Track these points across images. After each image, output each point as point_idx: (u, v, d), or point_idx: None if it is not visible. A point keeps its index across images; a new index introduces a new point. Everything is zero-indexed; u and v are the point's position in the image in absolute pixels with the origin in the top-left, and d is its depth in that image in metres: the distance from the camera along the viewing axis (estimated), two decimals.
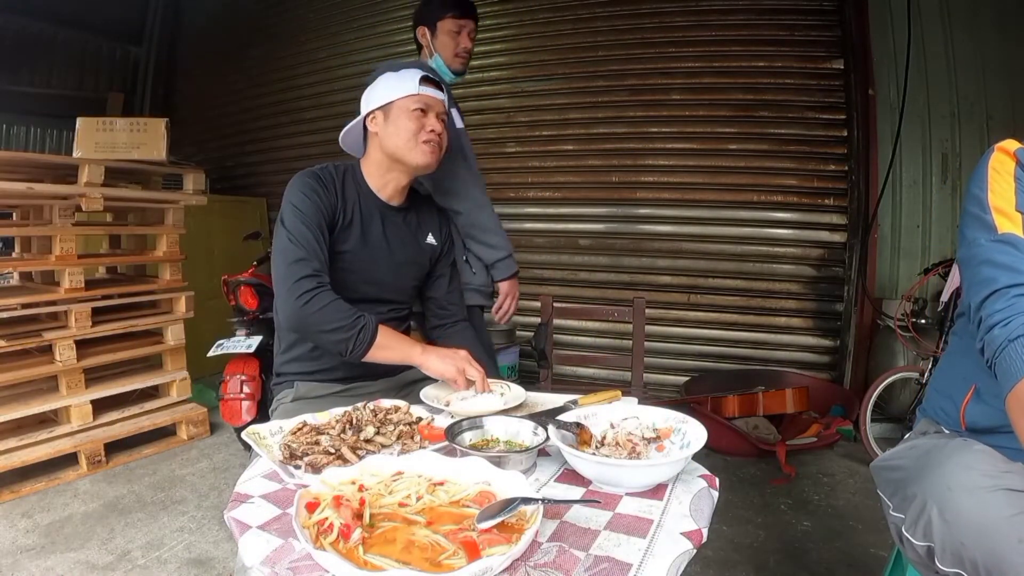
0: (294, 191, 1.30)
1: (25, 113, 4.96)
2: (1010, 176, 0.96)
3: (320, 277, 1.23)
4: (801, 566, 1.85)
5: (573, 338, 3.59)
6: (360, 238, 1.36)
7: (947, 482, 0.77)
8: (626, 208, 3.54)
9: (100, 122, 2.70)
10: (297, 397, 1.35)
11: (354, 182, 1.39)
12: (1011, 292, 0.86)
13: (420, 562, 0.62)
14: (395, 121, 1.34)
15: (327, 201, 1.31)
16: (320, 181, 1.32)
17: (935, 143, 3.11)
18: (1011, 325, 0.83)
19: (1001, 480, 0.75)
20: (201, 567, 1.80)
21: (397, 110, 1.34)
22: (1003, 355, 0.83)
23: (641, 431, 0.96)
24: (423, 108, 1.34)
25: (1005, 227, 0.92)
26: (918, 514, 0.79)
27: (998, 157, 0.99)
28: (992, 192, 0.96)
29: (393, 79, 1.36)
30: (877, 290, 3.17)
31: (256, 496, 0.82)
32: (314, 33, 4.54)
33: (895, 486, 0.97)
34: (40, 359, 2.41)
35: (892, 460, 1.02)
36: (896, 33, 3.11)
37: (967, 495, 0.74)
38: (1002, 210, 0.94)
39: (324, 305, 1.19)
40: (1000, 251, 0.91)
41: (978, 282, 0.93)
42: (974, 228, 0.98)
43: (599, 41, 3.54)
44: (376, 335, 1.22)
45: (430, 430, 1.01)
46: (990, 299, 0.89)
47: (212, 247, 3.80)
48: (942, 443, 0.91)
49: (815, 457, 2.67)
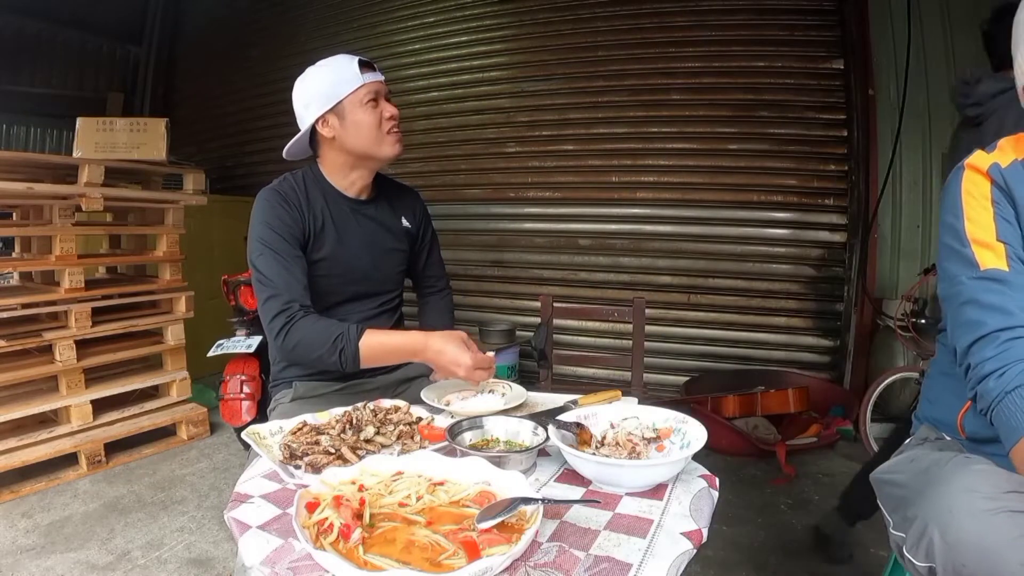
0: (257, 219, 1.26)
1: (25, 113, 4.96)
2: (986, 200, 0.90)
3: (291, 308, 1.18)
4: (801, 566, 1.85)
5: (573, 338, 3.59)
6: (336, 241, 1.33)
7: (948, 504, 0.75)
8: (626, 208, 3.54)
9: (100, 122, 2.70)
10: (296, 397, 1.35)
11: (318, 186, 1.34)
12: (1001, 337, 0.82)
13: (420, 562, 0.62)
14: (352, 120, 1.28)
15: (292, 218, 1.26)
16: (283, 199, 1.27)
17: (935, 143, 3.11)
18: (1006, 376, 0.79)
19: (1004, 502, 0.72)
20: (201, 567, 1.80)
21: (350, 107, 1.27)
22: (1001, 408, 0.79)
23: (641, 431, 0.96)
24: (374, 98, 1.29)
25: (987, 262, 0.86)
26: (919, 536, 0.77)
27: (970, 178, 0.93)
28: (969, 221, 0.90)
29: (328, 74, 1.28)
30: (877, 290, 3.17)
31: (256, 496, 0.82)
32: (314, 33, 4.54)
33: (895, 503, 0.94)
34: (40, 359, 2.41)
35: (892, 474, 0.99)
36: (896, 33, 3.10)
37: (969, 518, 0.72)
38: (982, 241, 0.88)
39: (300, 338, 1.17)
40: (984, 289, 0.85)
41: (963, 324, 0.87)
42: (954, 263, 0.91)
43: (599, 41, 3.54)
44: (358, 349, 1.17)
45: (430, 430, 1.01)
46: (978, 344, 0.84)
47: (212, 247, 3.80)
48: (942, 458, 0.88)
49: (815, 457, 2.67)
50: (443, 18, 3.97)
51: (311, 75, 1.31)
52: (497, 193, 3.80)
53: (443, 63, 3.94)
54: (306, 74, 1.33)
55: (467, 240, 3.85)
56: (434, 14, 4.00)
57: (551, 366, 2.08)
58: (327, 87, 1.28)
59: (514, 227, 3.77)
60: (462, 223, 3.83)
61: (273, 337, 1.19)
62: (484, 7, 3.86)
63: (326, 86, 1.28)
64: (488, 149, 3.81)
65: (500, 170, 3.79)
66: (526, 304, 3.71)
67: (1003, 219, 0.88)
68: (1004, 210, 0.89)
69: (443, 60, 3.95)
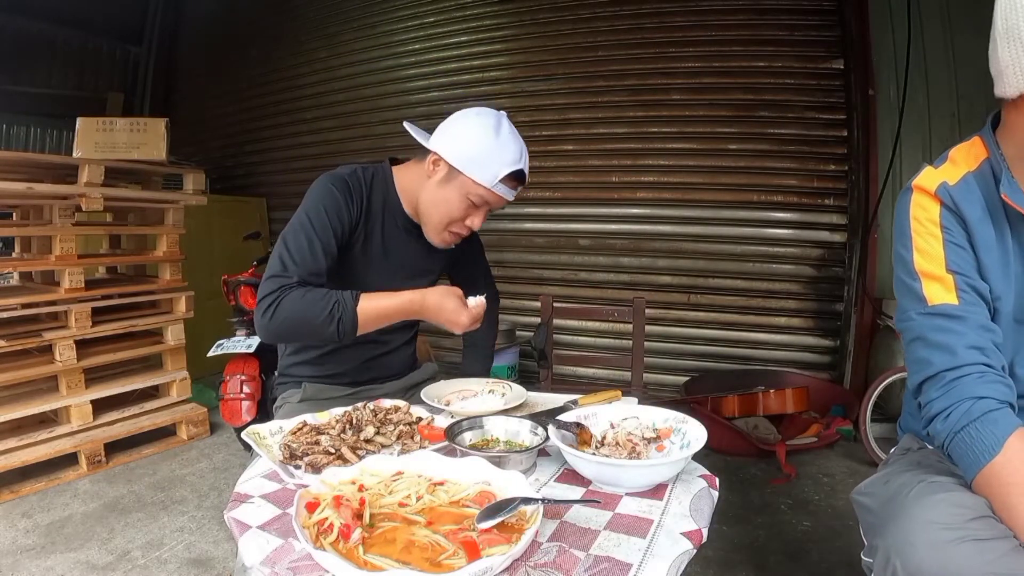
0: (314, 199, 1.20)
1: (25, 113, 4.96)
2: (935, 226, 0.87)
3: (285, 280, 1.12)
4: (801, 566, 1.85)
5: (573, 338, 3.59)
6: (380, 251, 1.30)
7: (909, 537, 0.74)
8: (626, 208, 3.54)
9: (100, 122, 2.70)
10: (305, 398, 1.33)
11: (383, 193, 1.30)
12: (946, 377, 0.83)
13: (420, 562, 0.62)
14: (447, 191, 1.22)
15: (349, 213, 1.22)
16: (348, 190, 1.23)
17: (935, 143, 3.11)
18: (951, 418, 0.81)
19: (966, 531, 0.72)
20: (201, 567, 1.80)
21: (458, 184, 1.20)
22: (953, 448, 0.81)
23: (641, 431, 0.96)
24: (479, 203, 1.22)
25: (936, 297, 0.86)
26: (883, 566, 0.77)
27: (918, 201, 0.90)
28: (918, 251, 0.88)
29: (485, 152, 1.18)
30: (877, 290, 3.17)
31: (256, 496, 0.82)
32: (314, 33, 4.54)
33: (865, 527, 0.94)
34: (40, 359, 2.41)
35: (865, 495, 0.98)
36: (896, 33, 3.10)
37: (930, 550, 0.72)
38: (931, 274, 0.87)
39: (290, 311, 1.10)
40: (932, 327, 0.85)
41: (913, 362, 0.88)
42: (904, 296, 0.90)
43: (599, 41, 3.54)
44: (356, 314, 1.12)
45: (430, 430, 1.01)
46: (926, 384, 0.85)
47: (212, 247, 3.80)
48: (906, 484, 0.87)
49: (815, 457, 2.67)
50: (443, 18, 3.98)
51: (480, 126, 1.20)
52: None
53: (443, 63, 3.94)
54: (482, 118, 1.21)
55: None
56: (434, 14, 4.01)
57: (551, 366, 2.08)
58: (474, 152, 1.18)
59: (514, 227, 3.77)
60: None
61: (261, 313, 1.11)
62: (484, 7, 3.86)
63: (475, 151, 1.18)
64: None
65: None
66: (526, 304, 3.71)
67: (953, 245, 0.87)
68: (954, 235, 0.87)
69: (443, 60, 3.95)
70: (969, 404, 0.80)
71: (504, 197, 1.22)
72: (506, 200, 1.24)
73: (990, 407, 0.80)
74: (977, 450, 0.78)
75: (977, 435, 0.78)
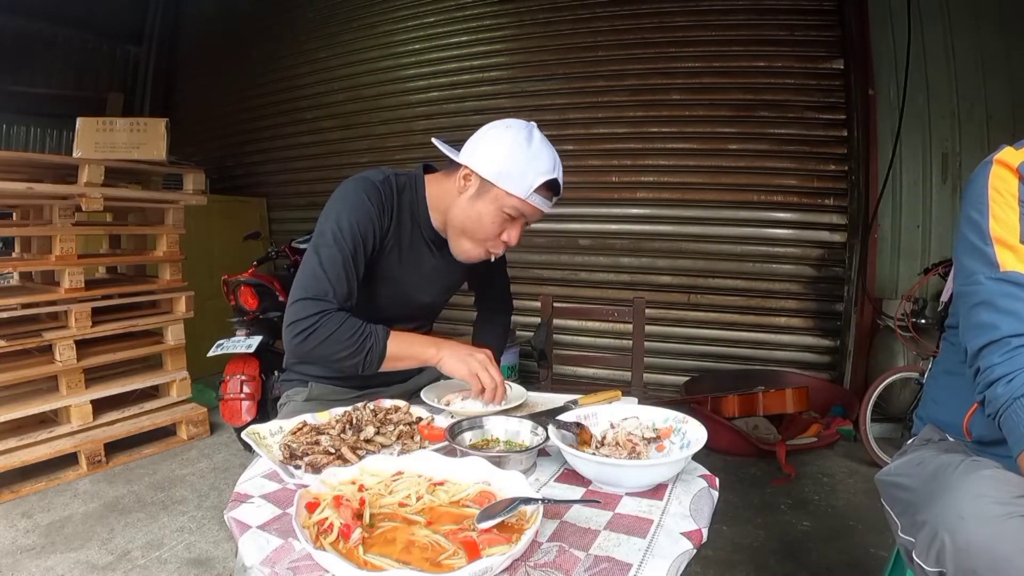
0: (346, 208, 1.17)
1: (25, 113, 4.97)
2: (1014, 199, 0.87)
3: (326, 305, 1.11)
4: (801, 566, 1.85)
5: (573, 338, 3.59)
6: (402, 264, 1.28)
7: (959, 511, 0.74)
8: (626, 208, 3.54)
9: (100, 122, 2.70)
10: (310, 398, 1.32)
11: (412, 204, 1.26)
12: (1012, 343, 0.81)
13: (420, 562, 0.62)
14: (480, 205, 1.17)
15: (379, 225, 1.19)
16: (380, 201, 1.19)
17: (935, 143, 3.11)
18: (1015, 382, 0.79)
19: (1015, 507, 0.72)
20: (201, 567, 1.80)
21: (492, 198, 1.16)
22: (1009, 414, 0.79)
23: (641, 431, 0.95)
24: (515, 216, 1.18)
25: (1008, 264, 0.84)
26: (929, 541, 0.76)
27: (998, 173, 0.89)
28: (994, 218, 0.87)
29: (518, 163, 1.15)
30: (877, 290, 3.17)
31: (256, 496, 0.82)
32: (314, 33, 4.54)
33: (903, 506, 0.93)
34: (40, 359, 2.41)
35: (898, 477, 0.97)
36: (896, 33, 3.11)
37: (980, 524, 0.72)
38: (1005, 242, 0.86)
39: (325, 338, 1.09)
40: (1002, 293, 0.83)
41: (976, 326, 0.86)
42: (973, 259, 0.89)
43: (599, 41, 3.54)
44: (386, 350, 1.13)
45: (430, 430, 1.01)
46: (988, 348, 0.84)
47: (212, 247, 3.80)
48: (949, 462, 0.87)
49: (815, 457, 2.67)
50: (443, 18, 3.98)
51: (512, 137, 1.17)
52: None
53: (443, 63, 3.94)
54: (513, 131, 1.19)
55: None
56: (434, 14, 4.01)
57: (551, 366, 2.08)
58: (507, 163, 1.15)
59: None
60: None
61: (294, 335, 1.10)
62: (484, 7, 3.86)
63: (508, 162, 1.15)
64: None
65: None
66: (526, 304, 3.70)
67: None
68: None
69: (443, 60, 3.95)
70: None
71: (540, 208, 1.19)
72: (542, 212, 1.20)
73: None
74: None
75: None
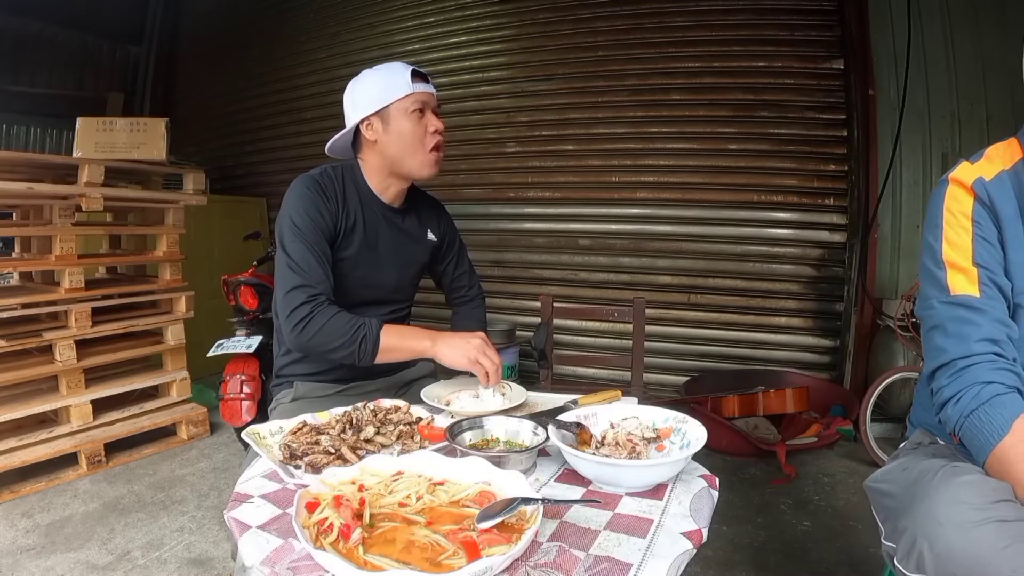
0: (293, 205, 1.25)
1: (25, 113, 4.96)
2: (966, 219, 0.90)
3: (316, 297, 1.18)
4: (801, 566, 1.85)
5: (573, 338, 3.59)
6: (363, 243, 1.33)
7: (936, 517, 0.75)
8: (626, 208, 3.54)
9: (100, 122, 2.70)
10: (296, 397, 1.35)
11: (355, 185, 1.34)
12: (958, 364, 0.86)
13: (420, 562, 0.62)
14: (395, 127, 1.28)
15: (328, 210, 1.26)
16: (321, 190, 1.27)
17: (935, 143, 3.11)
18: (962, 402, 0.84)
19: (991, 512, 0.73)
20: (201, 567, 1.80)
21: (395, 113, 1.27)
22: (964, 432, 0.84)
23: (641, 431, 0.95)
24: (420, 108, 1.28)
25: (959, 287, 0.88)
26: (909, 548, 0.78)
27: (952, 193, 0.92)
28: (947, 242, 0.90)
29: (381, 78, 1.28)
30: (877, 290, 3.17)
31: (256, 496, 0.82)
32: (314, 33, 4.54)
33: (886, 513, 0.95)
34: (40, 359, 2.41)
35: (884, 483, 0.99)
36: (896, 33, 3.10)
37: (957, 530, 0.73)
38: (956, 265, 0.89)
39: (321, 327, 1.16)
40: (952, 317, 0.88)
41: (930, 349, 0.91)
42: (928, 284, 0.93)
43: (599, 41, 3.54)
44: (380, 340, 1.18)
45: (430, 430, 1.01)
46: (939, 372, 0.89)
47: (212, 247, 3.80)
48: (930, 468, 0.88)
49: (815, 457, 2.67)
50: (443, 18, 3.98)
51: (364, 77, 1.31)
52: (497, 193, 3.80)
53: (443, 63, 3.94)
54: (360, 75, 1.32)
55: (467, 240, 3.74)
56: (434, 14, 4.01)
57: (551, 366, 2.08)
58: (377, 91, 1.27)
59: (514, 227, 3.77)
60: (462, 223, 3.73)
61: (292, 326, 1.16)
62: (484, 7, 3.86)
63: (376, 89, 1.28)
64: (488, 149, 3.81)
65: (500, 170, 3.78)
66: (526, 304, 3.71)
67: (982, 240, 0.89)
68: (984, 230, 0.89)
69: (443, 60, 3.95)
70: (978, 388, 0.83)
71: (428, 91, 1.30)
72: (431, 93, 1.31)
73: (998, 391, 0.82)
74: (987, 432, 0.81)
75: (987, 417, 0.81)
